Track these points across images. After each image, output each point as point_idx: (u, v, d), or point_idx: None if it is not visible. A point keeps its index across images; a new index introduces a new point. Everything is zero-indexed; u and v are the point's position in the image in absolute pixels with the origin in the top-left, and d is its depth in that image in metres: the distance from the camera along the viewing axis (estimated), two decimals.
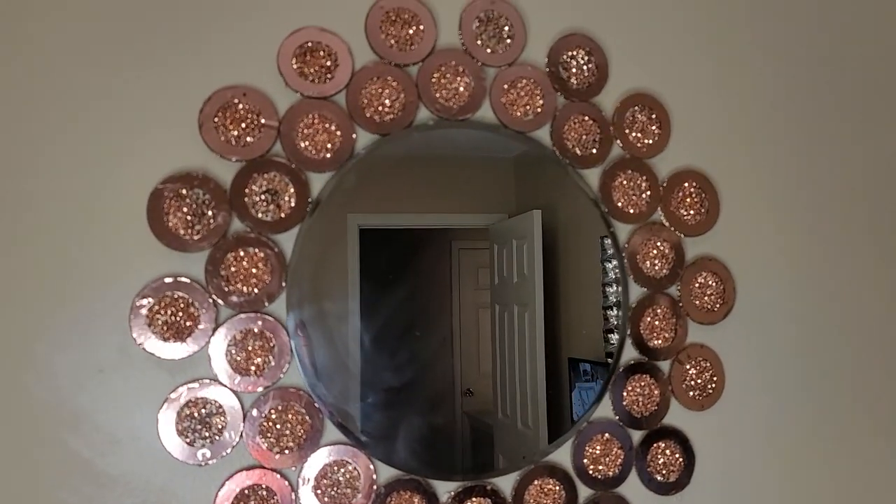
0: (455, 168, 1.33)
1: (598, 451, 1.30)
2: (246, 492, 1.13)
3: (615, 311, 1.34)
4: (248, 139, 1.18)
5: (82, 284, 1.11)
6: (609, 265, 1.34)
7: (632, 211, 1.35)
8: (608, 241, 1.34)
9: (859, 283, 1.51)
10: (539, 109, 1.31)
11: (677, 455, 1.35)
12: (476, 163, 1.34)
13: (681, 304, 1.37)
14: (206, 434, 1.12)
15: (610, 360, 1.32)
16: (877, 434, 1.49)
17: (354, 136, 1.22)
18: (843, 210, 1.51)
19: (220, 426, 1.13)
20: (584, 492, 1.29)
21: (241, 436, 1.14)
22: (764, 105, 1.47)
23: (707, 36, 1.45)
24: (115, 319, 1.11)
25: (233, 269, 1.15)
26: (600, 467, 1.30)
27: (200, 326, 1.13)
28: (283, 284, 1.17)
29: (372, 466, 1.19)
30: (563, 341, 1.32)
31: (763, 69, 1.48)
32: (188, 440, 1.12)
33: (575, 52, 1.34)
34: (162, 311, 1.12)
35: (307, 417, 1.17)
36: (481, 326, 1.36)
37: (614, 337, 1.33)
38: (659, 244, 1.36)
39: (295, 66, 1.21)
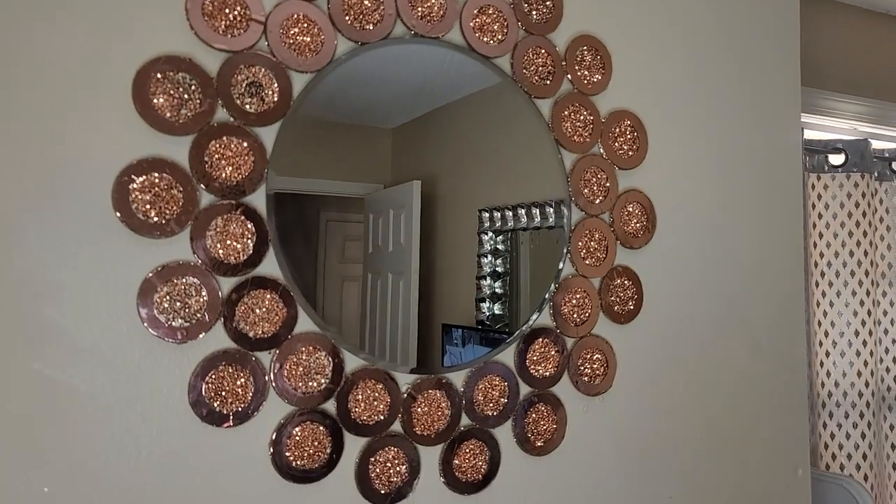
0: (332, 135, 1.34)
1: (537, 355, 1.43)
2: (220, 372, 1.16)
3: (488, 281, 1.46)
4: (236, 31, 1.19)
5: (65, 158, 1.09)
6: (485, 237, 1.45)
7: (577, 140, 1.49)
8: (486, 214, 1.45)
9: (752, 229, 1.75)
10: (502, 38, 1.42)
11: (603, 362, 1.51)
12: (354, 132, 1.37)
13: (612, 229, 1.53)
14: (184, 314, 1.14)
15: (481, 327, 1.44)
16: (753, 354, 1.74)
17: (336, 41, 1.27)
18: (742, 160, 1.74)
19: (197, 307, 1.15)
20: (524, 389, 1.42)
21: (219, 318, 1.17)
22: (694, 61, 1.67)
23: None
24: (98, 195, 1.10)
25: (216, 156, 1.17)
26: (539, 368, 1.43)
27: (182, 209, 1.15)
28: (265, 175, 1.21)
29: (341, 355, 1.25)
30: (437, 308, 1.40)
31: (695, 28, 1.67)
32: (165, 319, 1.13)
33: None
34: (146, 191, 1.12)
35: (283, 305, 1.21)
36: (345, 300, 1.36)
37: (485, 305, 1.44)
38: (598, 173, 1.51)
39: None
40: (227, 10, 1.19)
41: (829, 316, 2.57)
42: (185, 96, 1.15)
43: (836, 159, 2.57)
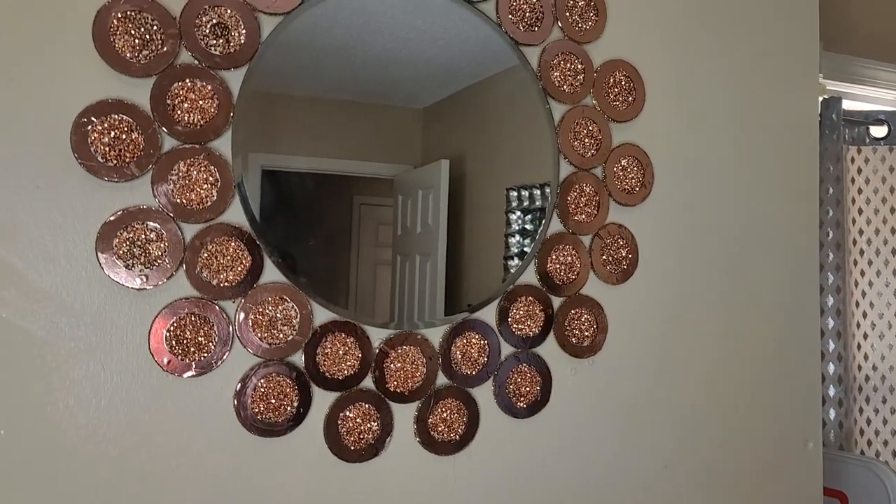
0: (363, 117, 1.33)
1: (520, 313, 1.38)
2: (183, 320, 1.14)
3: (516, 261, 1.40)
4: None
5: (24, 99, 1.07)
6: (513, 216, 1.40)
7: (566, 90, 1.42)
8: (514, 194, 1.40)
9: (759, 183, 1.66)
10: None
11: (592, 323, 1.45)
12: (384, 112, 1.36)
13: (604, 184, 1.46)
14: (145, 260, 1.12)
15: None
16: (760, 320, 1.66)
17: None
18: (751, 115, 1.65)
19: (158, 253, 1.13)
20: (506, 349, 1.37)
21: (182, 264, 1.14)
22: (694, 9, 1.58)
23: None
24: (56, 136, 1.08)
25: (178, 98, 1.14)
26: (522, 327, 1.38)
27: (143, 152, 1.12)
28: (231, 119, 1.17)
29: (309, 307, 1.22)
30: (464, 289, 1.37)
31: None
32: (126, 265, 1.11)
33: None
34: (105, 133, 1.10)
35: (248, 254, 1.18)
36: (378, 284, 1.36)
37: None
38: (589, 125, 1.44)
39: None
40: None
41: (868, 296, 2.45)
42: (147, 37, 1.12)
43: (879, 131, 2.44)
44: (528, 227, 1.41)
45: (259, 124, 1.21)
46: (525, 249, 1.40)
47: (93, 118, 1.09)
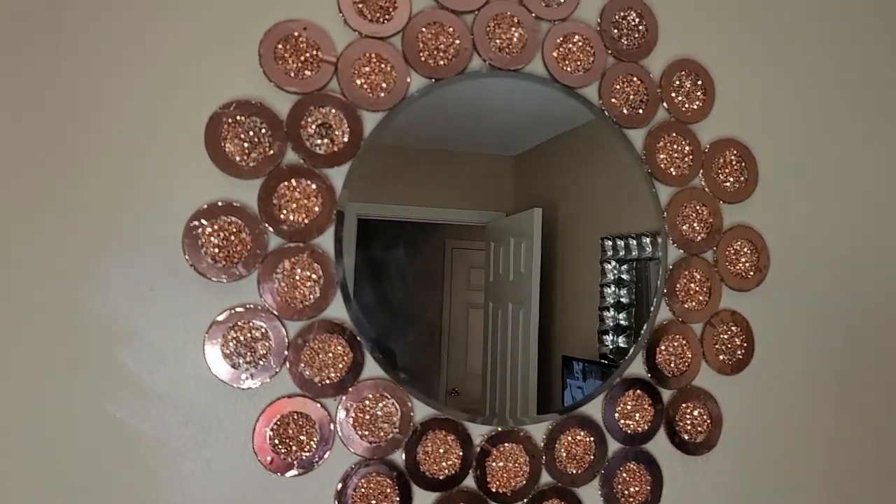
0: (456, 164, 1.34)
1: (629, 407, 1.31)
2: (286, 418, 1.14)
3: (611, 312, 1.35)
4: (307, 73, 1.19)
5: (139, 203, 1.12)
6: (608, 266, 1.36)
7: (674, 173, 1.37)
8: (608, 243, 1.36)
9: (886, 265, 1.53)
10: (589, 67, 1.33)
11: (705, 417, 1.36)
12: (477, 160, 1.36)
13: (716, 269, 1.39)
14: (250, 358, 1.13)
15: (604, 361, 1.34)
16: (891, 405, 1.52)
17: (409, 79, 1.24)
18: (874, 192, 1.53)
19: (263, 352, 1.14)
20: (613, 445, 1.30)
21: (285, 363, 1.15)
22: (805, 83, 1.50)
23: (755, 9, 1.47)
24: (169, 240, 1.12)
25: (285, 198, 1.16)
26: (630, 423, 1.31)
27: (250, 252, 1.14)
28: (333, 217, 1.18)
29: (410, 403, 1.19)
30: (558, 339, 1.33)
31: (807, 47, 1.50)
32: (232, 363, 1.12)
33: (626, 13, 1.36)
34: (214, 235, 1.13)
35: (349, 350, 1.17)
36: (471, 326, 1.36)
37: (608, 338, 1.34)
38: (698, 208, 1.38)
39: (354, 5, 1.22)
40: (299, 53, 1.18)
41: None
42: (256, 140, 1.16)
43: None
44: (623, 276, 1.35)
45: (355, 175, 1.21)
46: (622, 300, 1.34)
47: (203, 221, 1.13)
